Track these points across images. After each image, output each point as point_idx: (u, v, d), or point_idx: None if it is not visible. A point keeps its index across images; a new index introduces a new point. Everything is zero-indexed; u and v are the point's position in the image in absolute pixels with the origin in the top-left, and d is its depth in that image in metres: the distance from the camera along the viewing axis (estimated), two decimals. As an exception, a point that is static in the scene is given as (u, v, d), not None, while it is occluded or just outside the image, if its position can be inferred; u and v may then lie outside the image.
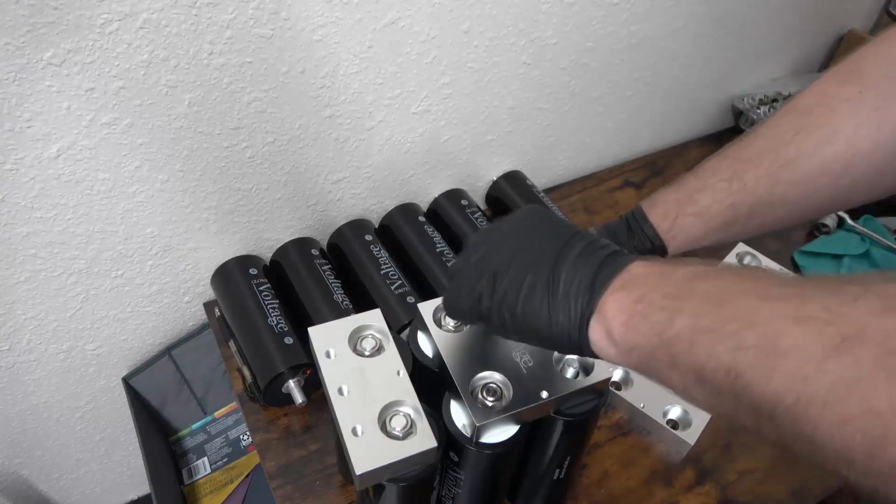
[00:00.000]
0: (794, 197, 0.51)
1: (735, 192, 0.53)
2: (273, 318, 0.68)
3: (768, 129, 0.53)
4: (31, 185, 0.59)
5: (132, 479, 1.01)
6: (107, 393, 0.84)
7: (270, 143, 0.69)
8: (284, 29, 0.61)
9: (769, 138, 0.52)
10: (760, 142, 0.53)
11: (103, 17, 0.52)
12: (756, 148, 0.53)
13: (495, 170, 0.92)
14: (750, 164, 0.52)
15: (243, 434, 0.87)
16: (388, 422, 0.44)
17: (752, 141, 0.54)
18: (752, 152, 0.53)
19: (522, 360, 0.47)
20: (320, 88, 0.67)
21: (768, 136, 0.52)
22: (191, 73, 0.59)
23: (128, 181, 0.64)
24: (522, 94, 0.83)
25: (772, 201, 0.52)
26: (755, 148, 0.53)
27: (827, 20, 1.10)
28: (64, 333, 0.73)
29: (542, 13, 0.76)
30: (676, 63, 0.96)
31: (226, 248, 0.76)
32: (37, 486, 0.91)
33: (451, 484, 0.51)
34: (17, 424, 0.80)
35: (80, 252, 0.67)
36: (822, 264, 0.85)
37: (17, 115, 0.54)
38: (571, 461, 0.54)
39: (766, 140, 0.52)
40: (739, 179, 0.53)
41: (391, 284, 0.72)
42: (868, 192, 0.50)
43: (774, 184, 0.51)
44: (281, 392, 0.66)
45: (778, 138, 0.51)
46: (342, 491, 0.63)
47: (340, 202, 0.81)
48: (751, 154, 0.53)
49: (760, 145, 0.53)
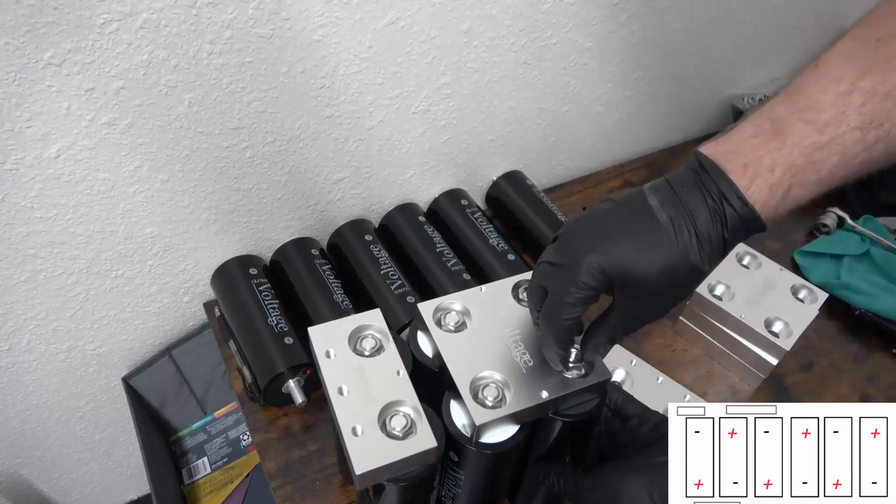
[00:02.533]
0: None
1: (871, 145, 0.36)
2: (273, 318, 0.68)
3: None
4: (31, 185, 0.59)
5: (132, 479, 1.01)
6: (107, 393, 0.84)
7: (270, 143, 0.69)
8: (284, 29, 0.61)
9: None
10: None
11: (103, 17, 0.52)
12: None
13: (495, 170, 0.92)
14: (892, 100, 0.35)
15: (243, 434, 0.87)
16: (388, 422, 0.44)
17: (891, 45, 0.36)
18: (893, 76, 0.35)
19: (522, 360, 0.47)
20: (320, 88, 0.67)
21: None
22: (191, 73, 0.59)
23: (128, 181, 0.64)
24: (522, 94, 0.83)
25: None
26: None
27: (826, 20, 1.10)
28: (64, 333, 0.73)
29: (542, 13, 0.76)
30: (676, 63, 0.96)
31: (226, 248, 0.76)
32: (37, 486, 0.91)
33: (451, 484, 0.51)
34: (16, 424, 0.80)
35: (80, 252, 0.67)
36: (822, 264, 0.85)
37: (17, 115, 0.54)
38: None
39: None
40: (879, 126, 0.36)
41: (391, 284, 0.72)
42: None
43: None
44: (281, 392, 0.66)
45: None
46: (342, 491, 0.63)
47: (340, 202, 0.81)
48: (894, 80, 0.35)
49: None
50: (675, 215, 0.38)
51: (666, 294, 0.39)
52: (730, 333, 0.73)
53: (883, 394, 0.75)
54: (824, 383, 0.76)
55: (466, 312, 0.50)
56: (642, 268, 0.38)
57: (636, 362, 0.69)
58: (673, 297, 0.40)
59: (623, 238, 0.39)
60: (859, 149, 0.36)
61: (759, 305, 0.72)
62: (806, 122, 0.36)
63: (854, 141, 0.36)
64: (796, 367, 0.77)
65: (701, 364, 0.77)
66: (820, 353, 0.79)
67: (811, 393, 0.75)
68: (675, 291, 0.40)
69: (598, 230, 0.40)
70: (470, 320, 0.49)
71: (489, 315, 0.50)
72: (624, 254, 0.38)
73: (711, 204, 0.37)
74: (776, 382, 0.75)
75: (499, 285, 0.52)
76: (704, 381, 0.75)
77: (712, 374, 0.76)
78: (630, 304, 0.40)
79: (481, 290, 0.51)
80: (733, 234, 0.38)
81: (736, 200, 0.37)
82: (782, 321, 0.71)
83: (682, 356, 0.77)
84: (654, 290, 0.39)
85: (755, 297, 0.73)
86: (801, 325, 0.71)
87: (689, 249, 0.38)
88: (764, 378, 0.73)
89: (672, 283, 0.39)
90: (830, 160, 0.36)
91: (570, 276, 0.39)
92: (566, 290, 0.39)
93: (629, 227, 0.39)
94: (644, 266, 0.38)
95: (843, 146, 0.36)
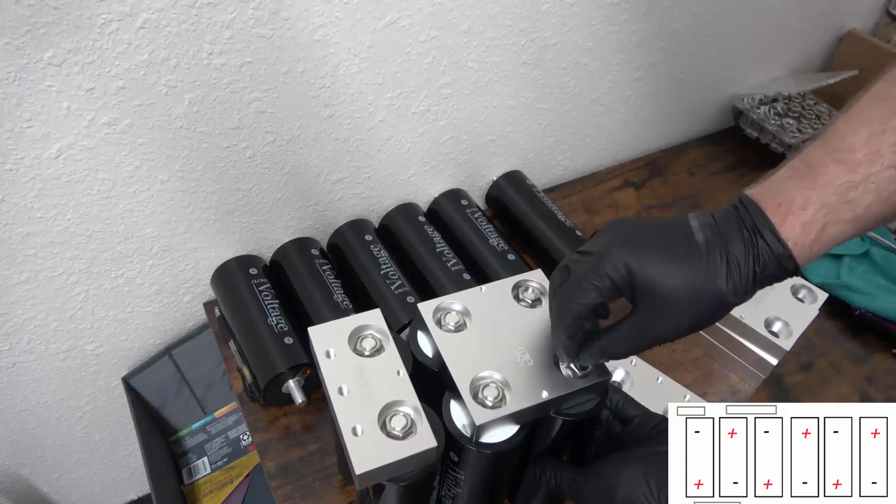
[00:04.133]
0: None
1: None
2: (273, 318, 0.68)
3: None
4: (31, 185, 0.59)
5: (132, 479, 1.01)
6: (107, 393, 0.84)
7: (270, 143, 0.69)
8: (284, 29, 0.61)
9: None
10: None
11: (103, 17, 0.52)
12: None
13: (495, 170, 0.92)
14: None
15: (243, 434, 0.87)
16: (388, 422, 0.44)
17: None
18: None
19: (522, 360, 0.47)
20: (320, 88, 0.67)
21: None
22: (191, 73, 0.59)
23: (128, 181, 0.64)
24: (522, 94, 0.83)
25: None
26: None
27: (826, 20, 1.10)
28: (64, 333, 0.74)
29: (542, 13, 0.76)
30: (676, 63, 0.96)
31: (226, 248, 0.76)
32: (37, 486, 0.91)
33: (451, 484, 0.51)
34: (17, 424, 0.80)
35: (80, 252, 0.67)
36: (821, 264, 0.85)
37: (17, 115, 0.54)
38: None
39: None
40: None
41: (391, 284, 0.72)
42: None
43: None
44: (281, 392, 0.66)
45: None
46: (342, 491, 0.63)
47: (340, 202, 0.81)
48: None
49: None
50: (711, 238, 0.39)
51: (685, 313, 0.39)
52: (730, 333, 0.73)
53: (883, 394, 0.75)
54: (824, 383, 0.76)
55: (466, 312, 0.50)
56: (667, 278, 0.38)
57: (636, 362, 0.69)
58: (691, 318, 0.39)
59: (656, 244, 0.39)
60: (895, 187, 0.36)
61: (759, 305, 0.72)
62: (838, 162, 0.37)
63: (889, 179, 0.36)
64: (796, 367, 0.77)
65: (701, 364, 0.77)
66: (820, 353, 0.79)
67: (811, 393, 0.75)
68: (696, 314, 0.39)
69: (634, 232, 0.41)
70: (470, 320, 0.49)
71: (489, 315, 0.50)
72: (653, 257, 0.38)
73: (746, 236, 0.38)
74: (776, 382, 0.75)
75: (499, 285, 0.52)
76: (704, 381, 0.75)
77: (712, 374, 0.76)
78: (647, 315, 0.40)
79: (481, 290, 0.51)
80: (764, 271, 0.38)
81: (769, 235, 0.37)
82: (782, 321, 0.71)
83: (682, 356, 0.77)
84: (674, 305, 0.38)
85: (755, 297, 0.72)
86: (801, 325, 0.71)
87: (717, 273, 0.38)
88: (764, 378, 0.73)
89: (694, 302, 0.38)
90: (865, 198, 0.36)
91: (594, 263, 0.40)
92: (587, 274, 0.40)
93: (665, 237, 0.40)
94: (669, 276, 0.38)
95: (878, 184, 0.36)
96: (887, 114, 0.36)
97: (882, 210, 0.37)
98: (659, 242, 0.39)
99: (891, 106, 0.37)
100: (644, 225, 0.41)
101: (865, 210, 0.37)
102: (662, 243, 0.39)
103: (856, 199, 0.36)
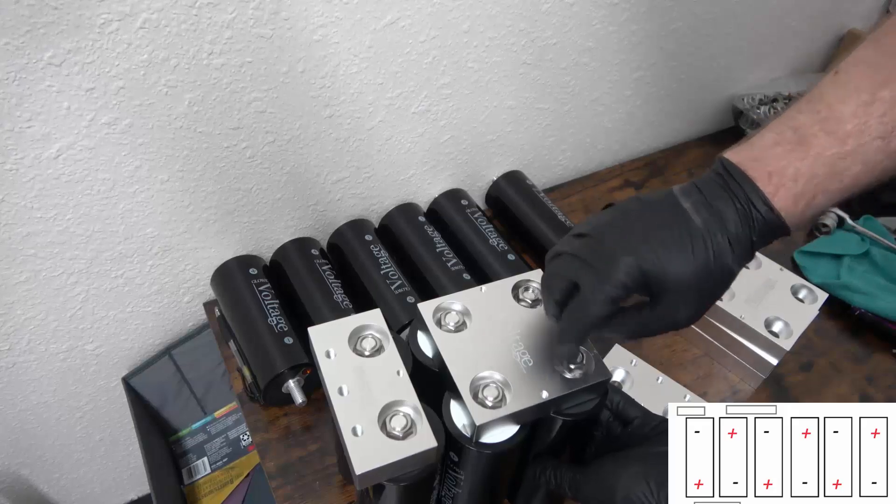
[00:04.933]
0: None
1: (893, 152, 0.37)
2: (273, 318, 0.68)
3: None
4: (31, 185, 0.59)
5: (132, 479, 1.01)
6: (107, 393, 0.84)
7: (270, 143, 0.69)
8: (284, 29, 0.61)
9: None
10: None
11: (103, 17, 0.52)
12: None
13: (495, 170, 0.92)
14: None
15: (243, 434, 0.87)
16: (388, 422, 0.44)
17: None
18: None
19: (522, 360, 0.47)
20: (320, 88, 0.67)
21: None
22: (191, 73, 0.59)
23: (128, 181, 0.64)
24: (522, 94, 0.83)
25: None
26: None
27: (826, 20, 1.10)
28: (64, 333, 0.74)
29: (542, 13, 0.76)
30: (676, 63, 0.96)
31: (226, 248, 0.76)
32: (37, 486, 0.91)
33: (451, 484, 0.51)
34: (17, 424, 0.80)
35: (80, 252, 0.67)
36: (822, 264, 0.85)
37: (17, 115, 0.54)
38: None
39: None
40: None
41: (391, 284, 0.72)
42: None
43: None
44: (281, 392, 0.66)
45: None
46: (342, 491, 0.63)
47: (340, 202, 0.81)
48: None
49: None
50: (708, 219, 0.39)
51: (701, 295, 0.40)
52: (730, 333, 0.73)
53: (883, 394, 0.75)
54: (824, 383, 0.76)
55: (466, 312, 0.50)
56: (679, 271, 0.39)
57: (636, 362, 0.69)
58: (705, 299, 0.40)
59: (661, 240, 0.39)
60: (881, 157, 0.37)
61: (759, 305, 0.72)
62: (828, 133, 0.37)
63: (876, 150, 0.37)
64: (796, 367, 0.77)
65: (701, 364, 0.77)
66: (820, 353, 0.79)
67: (811, 393, 0.75)
68: (709, 293, 0.40)
69: (634, 230, 0.41)
70: (470, 320, 0.49)
71: (489, 315, 0.50)
72: (663, 256, 0.39)
73: (740, 208, 0.38)
74: (776, 382, 0.75)
75: (499, 285, 0.52)
76: (704, 381, 0.75)
77: (712, 374, 0.76)
78: (667, 306, 0.40)
79: (481, 290, 0.51)
80: (760, 238, 0.39)
81: (762, 206, 0.38)
82: (782, 321, 0.71)
83: (682, 356, 0.77)
84: (689, 292, 0.39)
85: (755, 297, 0.73)
86: (801, 325, 0.71)
87: (723, 252, 0.38)
88: (764, 378, 0.73)
89: (706, 285, 0.39)
90: (853, 168, 0.37)
91: (606, 275, 0.39)
92: (601, 287, 0.40)
93: (666, 229, 0.40)
94: (681, 268, 0.39)
95: (866, 155, 0.37)
96: (875, 83, 0.37)
97: (868, 179, 0.38)
98: (663, 237, 0.39)
99: (879, 74, 0.37)
100: (638, 219, 0.41)
101: (852, 180, 0.38)
102: (667, 237, 0.39)
103: (844, 170, 0.37)
